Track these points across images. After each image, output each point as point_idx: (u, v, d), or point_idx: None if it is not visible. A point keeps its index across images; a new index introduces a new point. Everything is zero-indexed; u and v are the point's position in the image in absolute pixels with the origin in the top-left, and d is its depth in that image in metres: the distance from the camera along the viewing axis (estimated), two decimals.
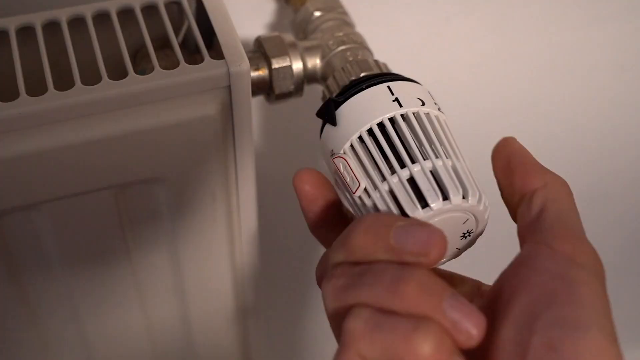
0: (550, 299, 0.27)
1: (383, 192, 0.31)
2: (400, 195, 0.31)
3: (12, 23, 0.38)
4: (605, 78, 0.67)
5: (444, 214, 0.31)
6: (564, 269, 0.28)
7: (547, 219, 0.30)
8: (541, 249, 0.29)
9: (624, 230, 0.86)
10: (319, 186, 0.34)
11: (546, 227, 0.30)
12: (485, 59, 0.60)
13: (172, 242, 0.44)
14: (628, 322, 0.96)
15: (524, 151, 0.33)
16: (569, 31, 0.61)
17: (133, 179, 0.39)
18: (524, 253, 0.30)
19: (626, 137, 0.74)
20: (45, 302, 0.44)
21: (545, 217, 0.30)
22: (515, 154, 0.33)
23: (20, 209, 0.38)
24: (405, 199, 0.31)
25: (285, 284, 0.71)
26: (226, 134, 0.40)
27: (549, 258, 0.29)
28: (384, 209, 0.31)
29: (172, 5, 0.40)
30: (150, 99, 0.37)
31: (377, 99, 0.33)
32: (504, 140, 0.34)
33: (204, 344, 0.53)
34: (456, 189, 0.31)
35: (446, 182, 0.31)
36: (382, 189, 0.31)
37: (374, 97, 0.33)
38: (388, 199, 0.31)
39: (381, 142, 0.32)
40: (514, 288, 0.28)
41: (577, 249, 0.29)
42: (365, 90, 0.34)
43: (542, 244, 0.29)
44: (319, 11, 0.46)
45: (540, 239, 0.30)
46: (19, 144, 0.35)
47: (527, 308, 0.27)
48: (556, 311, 0.27)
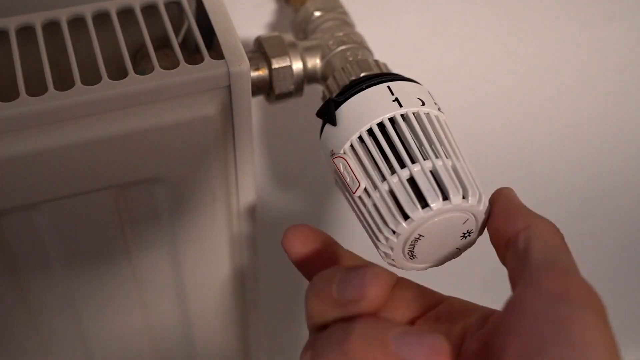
0: (540, 342, 0.25)
1: (383, 192, 0.31)
2: (400, 195, 0.31)
3: (12, 23, 0.38)
4: (605, 78, 0.67)
5: (444, 214, 0.31)
6: (552, 308, 0.26)
7: (532, 258, 0.29)
8: (528, 290, 0.28)
9: (624, 229, 0.86)
10: (308, 243, 0.34)
11: (532, 267, 0.28)
12: (486, 59, 0.60)
13: (172, 242, 0.44)
14: (628, 322, 0.96)
15: (511, 196, 0.32)
16: (570, 30, 0.61)
17: (133, 179, 0.39)
18: (513, 297, 0.28)
19: (627, 136, 0.74)
20: (45, 302, 0.44)
21: (530, 256, 0.29)
22: (502, 199, 0.32)
23: (20, 209, 0.38)
24: (405, 199, 0.31)
25: (285, 283, 0.71)
26: (226, 134, 0.40)
27: (535, 298, 0.27)
28: (384, 209, 0.31)
29: (172, 5, 0.40)
30: (150, 99, 0.37)
31: (377, 99, 0.33)
32: (497, 190, 0.33)
33: (203, 343, 0.53)
34: (456, 189, 0.31)
35: (446, 182, 0.31)
36: (382, 189, 0.31)
37: (374, 97, 0.34)
38: (388, 199, 0.31)
39: (381, 142, 0.32)
40: (504, 335, 0.27)
41: (567, 285, 0.27)
42: (365, 90, 0.34)
43: (529, 285, 0.28)
44: (319, 11, 0.46)
45: (527, 280, 0.28)
46: (19, 144, 0.35)
47: (518, 356, 0.26)
48: (547, 354, 0.25)
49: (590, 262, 0.86)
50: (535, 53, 0.62)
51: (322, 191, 0.63)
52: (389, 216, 0.31)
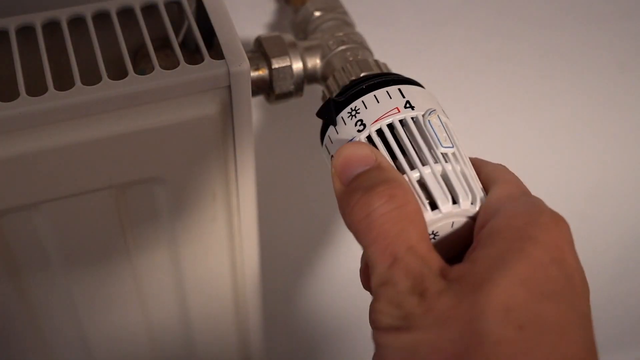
0: None
1: None
2: None
3: (12, 23, 0.38)
4: (605, 77, 0.67)
5: (451, 218, 0.31)
6: None
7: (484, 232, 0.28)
8: None
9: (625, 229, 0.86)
10: None
11: None
12: (486, 59, 0.60)
13: (172, 242, 0.44)
14: (629, 322, 0.96)
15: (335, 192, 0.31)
16: (572, 30, 0.61)
17: (133, 179, 0.39)
18: None
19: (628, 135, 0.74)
20: (45, 302, 0.44)
21: None
22: None
23: (20, 209, 0.38)
24: None
25: (286, 283, 0.71)
26: (226, 134, 0.40)
27: None
28: None
29: (172, 5, 0.40)
30: (150, 99, 0.37)
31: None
32: None
33: (203, 343, 0.53)
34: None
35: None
36: None
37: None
38: None
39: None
40: None
41: None
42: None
43: None
44: (319, 11, 0.46)
45: None
46: (19, 144, 0.35)
47: None
48: None
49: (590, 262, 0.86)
50: (537, 53, 0.62)
51: (323, 191, 0.63)
52: None
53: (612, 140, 0.74)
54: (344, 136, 0.33)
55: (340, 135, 0.33)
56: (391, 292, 0.26)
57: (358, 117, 0.33)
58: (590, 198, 0.79)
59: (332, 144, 0.34)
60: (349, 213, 0.28)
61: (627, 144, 0.75)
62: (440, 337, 0.24)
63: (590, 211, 0.81)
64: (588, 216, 0.81)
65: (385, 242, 0.27)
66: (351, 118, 0.33)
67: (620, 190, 0.80)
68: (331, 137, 0.34)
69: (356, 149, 0.30)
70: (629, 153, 0.76)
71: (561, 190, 0.76)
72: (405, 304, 0.25)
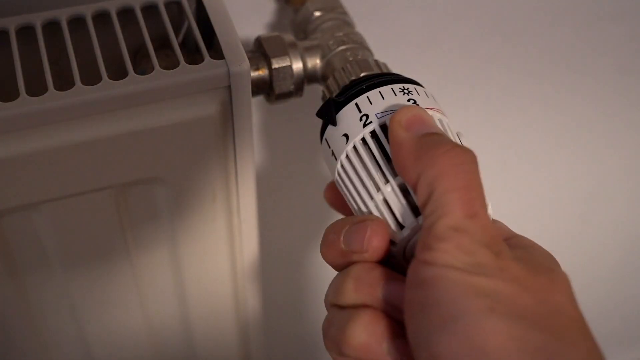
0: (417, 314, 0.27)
1: (388, 191, 0.31)
2: (401, 197, 0.31)
3: (12, 23, 0.38)
4: (606, 79, 0.67)
5: None
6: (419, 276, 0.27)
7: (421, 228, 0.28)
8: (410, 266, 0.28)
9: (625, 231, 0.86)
10: None
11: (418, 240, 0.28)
12: (486, 59, 0.60)
13: (172, 242, 0.44)
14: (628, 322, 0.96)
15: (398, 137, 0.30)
16: (572, 31, 0.61)
17: (133, 179, 0.39)
18: None
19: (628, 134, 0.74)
20: (45, 302, 0.44)
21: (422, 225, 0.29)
22: (392, 145, 0.30)
23: (20, 209, 0.38)
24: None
25: (285, 283, 0.71)
26: (226, 134, 0.40)
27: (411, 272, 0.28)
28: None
29: (172, 5, 0.40)
30: (150, 99, 0.37)
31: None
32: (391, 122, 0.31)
33: (203, 343, 0.53)
34: None
35: None
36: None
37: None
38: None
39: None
40: None
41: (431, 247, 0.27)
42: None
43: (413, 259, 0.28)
44: (319, 11, 0.46)
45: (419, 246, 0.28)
46: (19, 144, 0.35)
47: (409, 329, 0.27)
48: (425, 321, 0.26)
49: (590, 262, 0.86)
50: (537, 53, 0.62)
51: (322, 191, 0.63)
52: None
53: (612, 143, 0.74)
54: (343, 134, 0.33)
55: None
56: (465, 240, 0.27)
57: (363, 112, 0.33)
58: (590, 201, 0.79)
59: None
60: (435, 155, 0.28)
61: (627, 146, 0.75)
62: (521, 295, 0.26)
63: (590, 214, 0.81)
64: (588, 219, 0.81)
65: (471, 194, 0.28)
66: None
67: (620, 193, 0.80)
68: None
69: (425, 113, 0.31)
70: (629, 156, 0.76)
71: (561, 192, 0.76)
72: (479, 254, 0.27)
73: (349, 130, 0.33)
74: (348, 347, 0.29)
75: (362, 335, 0.29)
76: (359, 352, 0.29)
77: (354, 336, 0.29)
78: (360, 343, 0.29)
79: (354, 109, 0.33)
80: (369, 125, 0.32)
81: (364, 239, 0.30)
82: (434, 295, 0.26)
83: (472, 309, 0.25)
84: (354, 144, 0.33)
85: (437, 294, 0.26)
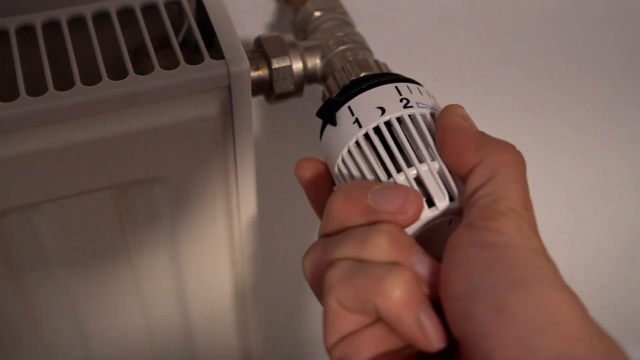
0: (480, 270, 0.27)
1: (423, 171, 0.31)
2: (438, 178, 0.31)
3: (12, 23, 0.38)
4: (606, 78, 0.67)
5: (448, 215, 0.31)
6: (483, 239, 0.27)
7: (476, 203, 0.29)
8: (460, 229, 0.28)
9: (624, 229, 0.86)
10: (317, 171, 0.36)
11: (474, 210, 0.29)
12: (486, 59, 0.60)
13: (172, 242, 0.44)
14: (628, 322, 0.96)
15: (458, 124, 0.32)
16: (572, 31, 0.61)
17: (133, 179, 0.39)
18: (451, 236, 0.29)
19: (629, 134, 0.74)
20: (45, 302, 0.44)
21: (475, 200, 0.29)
22: (449, 131, 0.31)
23: (20, 209, 0.38)
24: (448, 184, 0.31)
25: (286, 283, 0.71)
26: (226, 134, 0.40)
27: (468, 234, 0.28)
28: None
29: (172, 5, 0.40)
30: (150, 99, 0.37)
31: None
32: (442, 113, 0.32)
33: (203, 343, 0.53)
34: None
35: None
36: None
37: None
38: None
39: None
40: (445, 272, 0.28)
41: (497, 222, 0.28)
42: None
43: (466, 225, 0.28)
44: (319, 11, 0.46)
45: (465, 220, 0.29)
46: (19, 144, 0.35)
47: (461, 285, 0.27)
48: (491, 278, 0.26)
49: (589, 262, 0.86)
50: (538, 53, 0.62)
51: None
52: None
53: (611, 143, 0.74)
54: (343, 135, 0.33)
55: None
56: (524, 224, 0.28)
57: (356, 115, 0.33)
58: (588, 199, 0.79)
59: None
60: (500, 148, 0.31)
61: (627, 145, 0.75)
62: None
63: (589, 212, 0.81)
64: (587, 217, 0.81)
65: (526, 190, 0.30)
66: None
67: (619, 192, 0.80)
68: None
69: None
70: (628, 155, 0.76)
71: (560, 191, 0.76)
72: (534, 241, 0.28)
73: (361, 121, 0.33)
74: (384, 299, 0.27)
75: (405, 290, 0.27)
76: (395, 305, 0.27)
77: (395, 289, 0.27)
78: (401, 297, 0.27)
79: None
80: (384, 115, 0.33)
81: (404, 201, 0.29)
82: (506, 257, 0.27)
83: (543, 277, 0.26)
84: (378, 123, 0.32)
85: (510, 256, 0.27)
